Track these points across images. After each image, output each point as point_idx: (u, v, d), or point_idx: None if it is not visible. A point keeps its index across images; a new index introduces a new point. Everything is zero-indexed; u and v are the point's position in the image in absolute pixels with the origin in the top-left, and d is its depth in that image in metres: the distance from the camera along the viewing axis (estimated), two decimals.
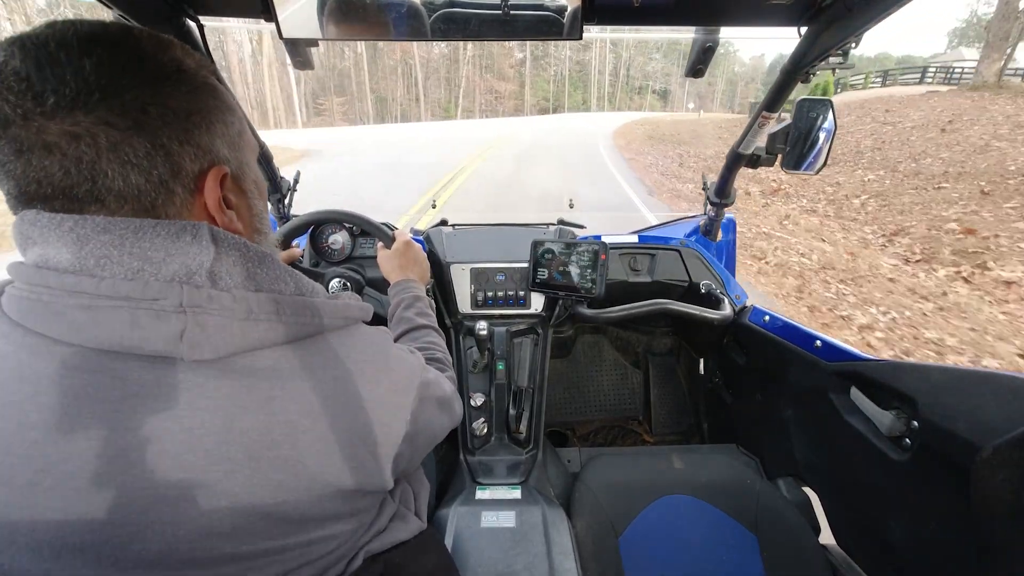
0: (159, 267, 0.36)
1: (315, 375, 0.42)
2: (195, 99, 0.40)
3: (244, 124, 0.47)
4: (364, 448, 0.44)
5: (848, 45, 0.83)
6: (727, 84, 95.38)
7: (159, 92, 0.37)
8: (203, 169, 0.40)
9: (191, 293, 0.36)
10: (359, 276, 1.09)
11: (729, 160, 1.29)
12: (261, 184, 0.51)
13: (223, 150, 0.42)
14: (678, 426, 1.74)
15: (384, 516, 0.55)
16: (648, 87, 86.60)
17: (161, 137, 0.37)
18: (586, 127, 25.33)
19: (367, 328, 0.51)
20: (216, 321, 0.37)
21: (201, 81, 0.41)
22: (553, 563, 0.83)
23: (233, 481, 0.37)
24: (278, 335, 0.40)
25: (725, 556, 0.94)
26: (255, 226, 0.49)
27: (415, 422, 0.51)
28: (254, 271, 0.41)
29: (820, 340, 0.98)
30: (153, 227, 0.36)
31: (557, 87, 70.35)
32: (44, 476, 0.33)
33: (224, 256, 0.39)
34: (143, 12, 0.78)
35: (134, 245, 0.36)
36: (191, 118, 0.39)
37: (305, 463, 0.40)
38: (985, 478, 0.61)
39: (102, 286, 0.35)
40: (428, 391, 0.56)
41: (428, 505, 0.80)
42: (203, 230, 0.38)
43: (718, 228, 1.52)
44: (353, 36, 0.77)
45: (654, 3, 0.78)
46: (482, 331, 1.10)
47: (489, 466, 1.14)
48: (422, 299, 0.84)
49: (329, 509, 0.43)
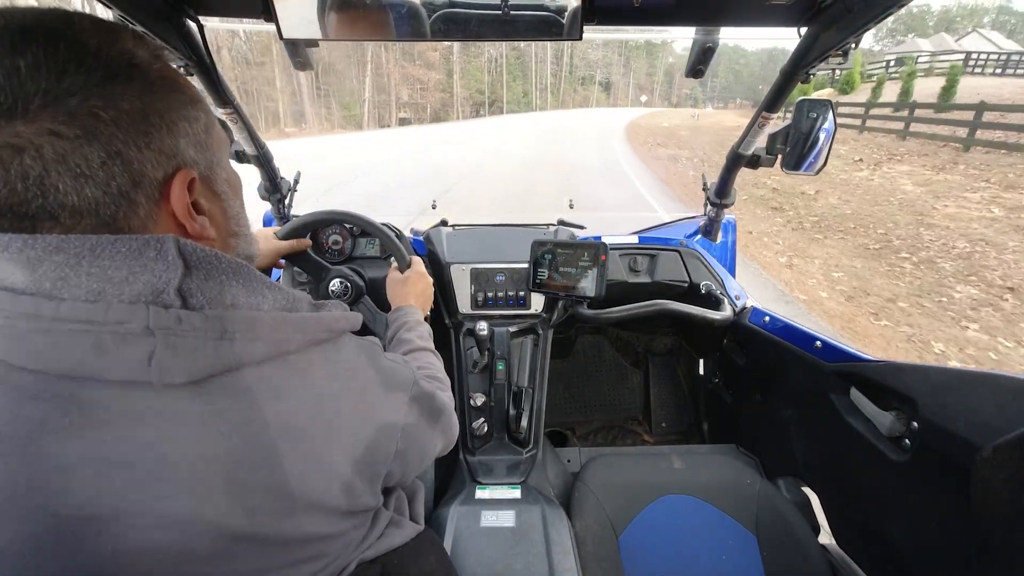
0: (121, 287, 0.33)
1: (297, 395, 0.39)
2: (152, 97, 0.36)
3: (211, 117, 0.43)
4: (351, 468, 0.43)
5: (848, 45, 0.83)
6: (664, 76, 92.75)
7: (109, 93, 0.33)
8: (168, 175, 0.37)
9: (158, 315, 0.33)
10: (359, 277, 1.09)
11: (729, 160, 1.29)
12: (235, 182, 0.47)
13: (189, 151, 0.39)
14: (678, 426, 1.74)
15: (378, 527, 0.53)
16: (593, 78, 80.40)
17: (116, 144, 0.33)
18: (569, 155, 12.82)
19: (354, 340, 0.48)
20: (188, 343, 0.34)
21: (157, 75, 0.37)
22: (553, 563, 0.83)
23: (210, 507, 0.35)
24: (256, 354, 0.37)
25: (725, 556, 0.94)
26: (231, 229, 0.46)
27: (406, 438, 0.49)
28: (228, 285, 0.37)
29: (820, 341, 0.98)
30: (112, 244, 0.33)
31: (493, 77, 56.45)
32: (8, 508, 0.32)
33: (194, 271, 0.36)
34: (143, 12, 0.78)
35: (92, 264, 0.32)
36: (149, 119, 0.35)
37: (287, 487, 0.38)
38: (985, 478, 0.61)
39: (61, 309, 0.32)
40: (420, 403, 0.53)
41: (426, 505, 0.80)
42: (169, 244, 0.35)
43: (718, 228, 1.52)
44: (353, 36, 0.77)
45: (654, 3, 0.78)
46: (482, 331, 1.10)
47: (489, 466, 1.14)
48: (423, 324, 0.84)
49: (314, 531, 0.41)
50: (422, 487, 0.72)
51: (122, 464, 0.33)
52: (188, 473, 0.34)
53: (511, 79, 58.12)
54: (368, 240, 1.31)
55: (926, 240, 5.04)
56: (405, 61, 44.11)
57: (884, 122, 11.87)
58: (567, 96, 71.12)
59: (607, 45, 77.99)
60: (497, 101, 55.48)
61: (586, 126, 24.94)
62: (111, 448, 0.33)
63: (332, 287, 1.05)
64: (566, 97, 70.85)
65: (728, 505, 1.01)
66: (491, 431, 1.20)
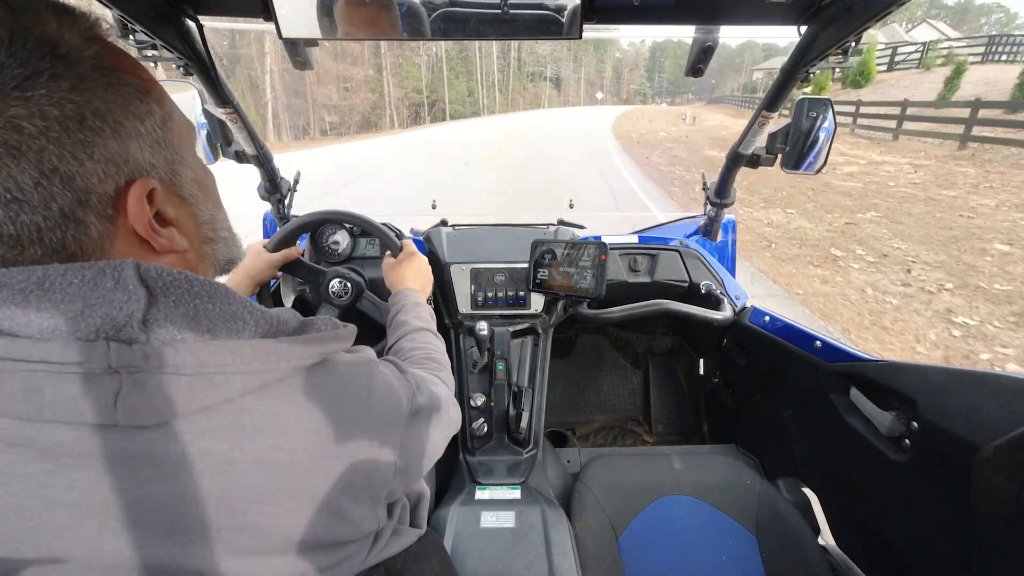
0: (77, 323, 0.29)
1: (283, 428, 0.35)
2: (88, 94, 0.30)
3: (168, 106, 0.37)
4: (347, 499, 0.40)
5: (848, 44, 0.83)
6: (613, 71, 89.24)
7: (31, 98, 0.28)
8: (119, 187, 0.32)
9: (120, 352, 0.29)
10: (359, 277, 1.09)
11: (729, 160, 1.29)
12: (204, 180, 0.41)
13: (143, 155, 0.34)
14: (678, 426, 1.74)
15: (380, 543, 0.50)
16: (542, 74, 70.41)
17: (49, 159, 0.28)
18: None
19: (347, 360, 0.43)
20: (156, 381, 0.30)
21: (92, 64, 0.31)
22: (553, 563, 0.83)
23: (191, 554, 0.32)
24: (236, 388, 0.33)
25: (724, 557, 0.94)
26: (204, 235, 0.41)
27: (406, 453, 0.47)
28: (202, 311, 0.33)
29: (820, 340, 0.98)
30: (62, 275, 0.29)
31: (434, 75, 44.36)
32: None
33: (160, 299, 0.31)
34: (143, 12, 0.78)
35: (41, 300, 0.28)
36: (86, 123, 0.30)
37: (275, 528, 0.35)
38: (985, 478, 0.61)
39: (13, 348, 0.28)
40: (419, 416, 0.51)
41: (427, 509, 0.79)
42: (127, 271, 0.30)
43: (718, 228, 1.52)
44: (353, 36, 0.77)
45: (654, 2, 0.78)
46: (482, 331, 1.10)
47: (489, 466, 1.14)
48: (423, 305, 0.83)
49: (309, 567, 0.38)
50: (427, 493, 0.71)
51: (92, 513, 0.30)
52: (165, 520, 0.31)
53: (453, 76, 46.26)
54: (368, 240, 1.31)
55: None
56: (325, 55, 30.27)
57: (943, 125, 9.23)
58: (516, 94, 59.14)
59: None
60: (439, 102, 44.09)
61: (561, 138, 17.16)
62: (81, 496, 0.30)
63: (332, 287, 1.05)
64: (516, 95, 58.90)
65: (728, 505, 1.01)
66: (491, 431, 1.20)
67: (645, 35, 21.81)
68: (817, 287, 3.79)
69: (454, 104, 42.56)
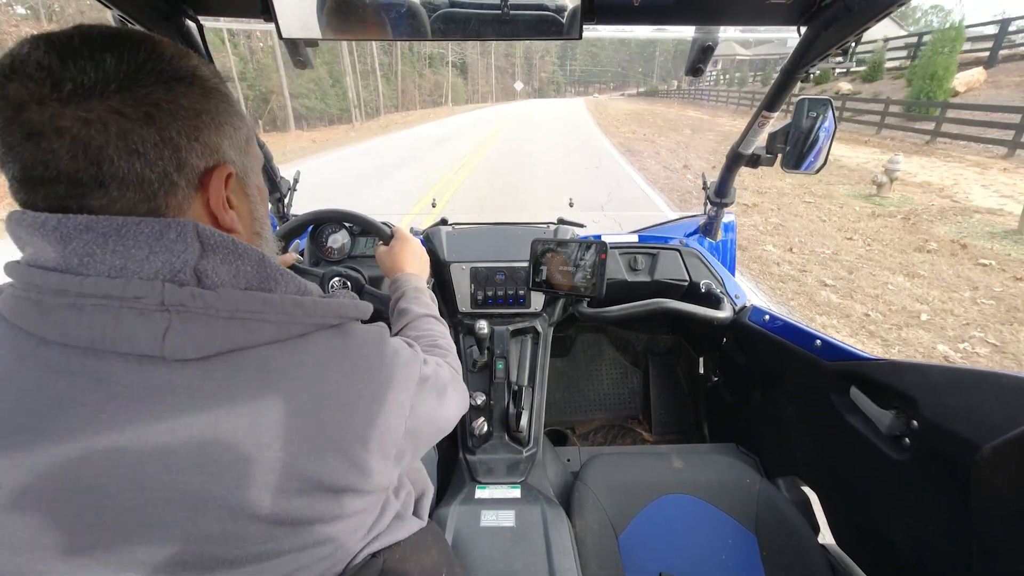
0: (142, 264, 0.36)
1: (305, 374, 0.41)
2: (207, 101, 0.41)
3: (252, 134, 0.48)
4: (361, 447, 0.43)
5: (848, 44, 0.83)
6: (523, 58, 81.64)
7: (172, 90, 0.38)
8: (208, 167, 0.41)
9: (173, 291, 0.35)
10: (359, 275, 1.09)
11: (729, 159, 1.29)
12: (264, 192, 0.51)
13: (230, 151, 0.43)
14: (678, 425, 1.74)
15: (386, 518, 0.54)
16: (443, 57, 44.70)
17: (170, 131, 0.37)
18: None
19: (361, 326, 0.50)
20: (200, 320, 0.36)
21: (214, 86, 0.42)
22: (553, 562, 0.83)
23: (220, 484, 0.36)
24: (266, 334, 0.40)
25: (724, 556, 0.94)
26: (255, 229, 0.49)
27: (415, 416, 0.51)
28: (243, 269, 0.40)
29: (820, 339, 0.98)
30: (137, 225, 0.36)
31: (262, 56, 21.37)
32: (32, 481, 0.33)
33: (211, 254, 0.38)
34: (143, 12, 0.78)
35: (117, 243, 0.35)
36: (201, 117, 0.40)
37: (296, 464, 0.39)
38: (985, 478, 0.61)
39: (85, 284, 0.34)
40: (427, 384, 0.54)
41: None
42: (188, 228, 0.37)
43: (718, 227, 1.52)
44: (353, 36, 0.77)
45: (654, 2, 0.78)
46: (482, 330, 1.10)
47: (489, 465, 1.14)
48: (422, 290, 0.82)
49: (325, 511, 0.42)
50: (431, 488, 0.71)
51: (134, 439, 0.35)
52: (197, 449, 0.36)
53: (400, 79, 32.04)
54: (368, 240, 1.32)
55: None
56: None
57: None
58: (408, 83, 35.83)
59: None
60: (374, 112, 27.71)
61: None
62: (125, 422, 0.35)
63: (332, 286, 1.05)
64: (407, 85, 35.57)
65: (728, 504, 1.01)
66: (491, 430, 1.20)
67: (645, 35, 21.16)
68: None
69: (303, 103, 22.32)
